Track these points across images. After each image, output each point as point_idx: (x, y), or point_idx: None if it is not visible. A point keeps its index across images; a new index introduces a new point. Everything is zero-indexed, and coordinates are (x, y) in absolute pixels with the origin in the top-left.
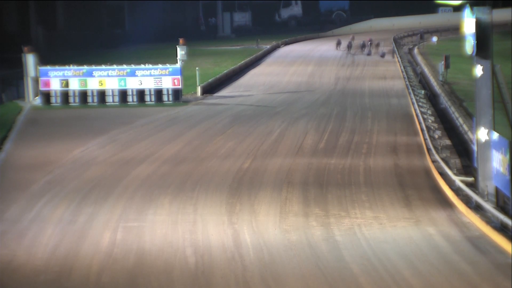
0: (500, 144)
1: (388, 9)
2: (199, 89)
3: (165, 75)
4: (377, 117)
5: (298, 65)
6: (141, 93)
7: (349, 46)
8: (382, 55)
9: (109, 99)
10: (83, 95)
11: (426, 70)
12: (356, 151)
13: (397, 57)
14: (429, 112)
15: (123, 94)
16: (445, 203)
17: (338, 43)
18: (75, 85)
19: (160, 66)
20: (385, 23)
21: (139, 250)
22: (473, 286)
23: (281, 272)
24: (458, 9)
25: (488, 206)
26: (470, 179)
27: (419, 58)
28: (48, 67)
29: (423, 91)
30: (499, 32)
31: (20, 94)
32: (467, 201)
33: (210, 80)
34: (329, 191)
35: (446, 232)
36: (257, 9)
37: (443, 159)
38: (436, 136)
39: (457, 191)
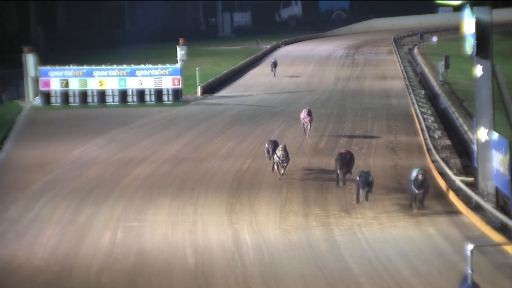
0: (500, 144)
1: (388, 9)
2: (199, 89)
3: (165, 75)
4: (377, 117)
5: (298, 65)
6: (141, 93)
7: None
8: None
9: (109, 99)
10: (83, 95)
11: (426, 70)
12: (356, 151)
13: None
14: (429, 112)
15: (123, 94)
16: (445, 203)
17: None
18: (75, 85)
19: (160, 66)
20: (385, 23)
21: (139, 250)
22: None
23: (281, 272)
24: (458, 9)
25: (488, 206)
26: (470, 179)
27: (419, 58)
28: (48, 67)
29: (423, 91)
30: (499, 32)
31: (20, 94)
32: (467, 201)
33: (210, 80)
34: (329, 191)
35: (446, 232)
36: (257, 9)
37: (443, 159)
38: (436, 136)
39: (457, 191)
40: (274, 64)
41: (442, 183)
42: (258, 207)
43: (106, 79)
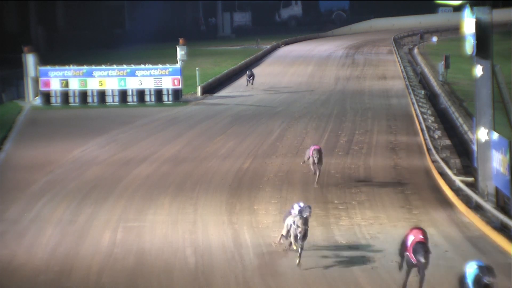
0: (500, 144)
1: (388, 9)
2: (199, 89)
3: (165, 75)
4: (377, 117)
5: (298, 65)
6: (141, 93)
7: None
8: None
9: (109, 99)
10: (83, 95)
11: (426, 70)
12: (356, 151)
13: None
14: (429, 112)
15: (123, 94)
16: (445, 203)
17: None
18: (75, 85)
19: (160, 66)
20: (385, 23)
21: (139, 250)
22: None
23: (281, 272)
24: (458, 9)
25: (488, 206)
26: (470, 179)
27: (419, 58)
28: (48, 67)
29: (423, 91)
30: (499, 32)
31: (20, 94)
32: (467, 201)
33: (210, 80)
34: (329, 191)
35: (446, 232)
36: (257, 9)
37: (443, 159)
38: (436, 136)
39: (457, 191)
40: (250, 76)
41: (442, 183)
42: (258, 207)
43: (106, 79)
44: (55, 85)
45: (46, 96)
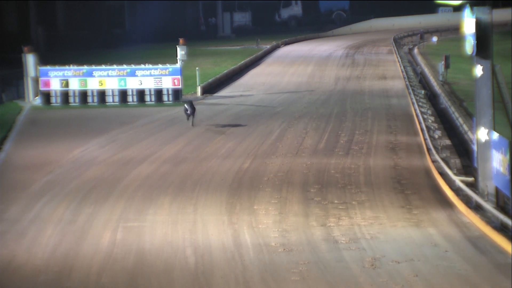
0: (500, 144)
1: (388, 9)
2: (199, 89)
3: (165, 75)
4: (377, 117)
5: (298, 65)
6: (141, 93)
7: None
8: None
9: (109, 99)
10: (83, 95)
11: (426, 70)
12: (356, 151)
13: None
14: (429, 112)
15: (123, 94)
16: (445, 203)
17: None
18: (75, 85)
19: (160, 66)
20: (385, 23)
21: (139, 250)
22: (473, 286)
23: (281, 272)
24: (458, 9)
25: (488, 206)
26: (470, 179)
27: (419, 58)
28: (48, 67)
29: (423, 91)
30: (499, 32)
31: (20, 94)
32: (467, 201)
33: (210, 80)
34: (329, 191)
35: (446, 232)
36: (257, 9)
37: (443, 159)
38: (436, 136)
39: (457, 191)
40: (190, 107)
41: (442, 183)
42: (258, 207)
43: (106, 79)
44: (55, 85)
45: (46, 96)
